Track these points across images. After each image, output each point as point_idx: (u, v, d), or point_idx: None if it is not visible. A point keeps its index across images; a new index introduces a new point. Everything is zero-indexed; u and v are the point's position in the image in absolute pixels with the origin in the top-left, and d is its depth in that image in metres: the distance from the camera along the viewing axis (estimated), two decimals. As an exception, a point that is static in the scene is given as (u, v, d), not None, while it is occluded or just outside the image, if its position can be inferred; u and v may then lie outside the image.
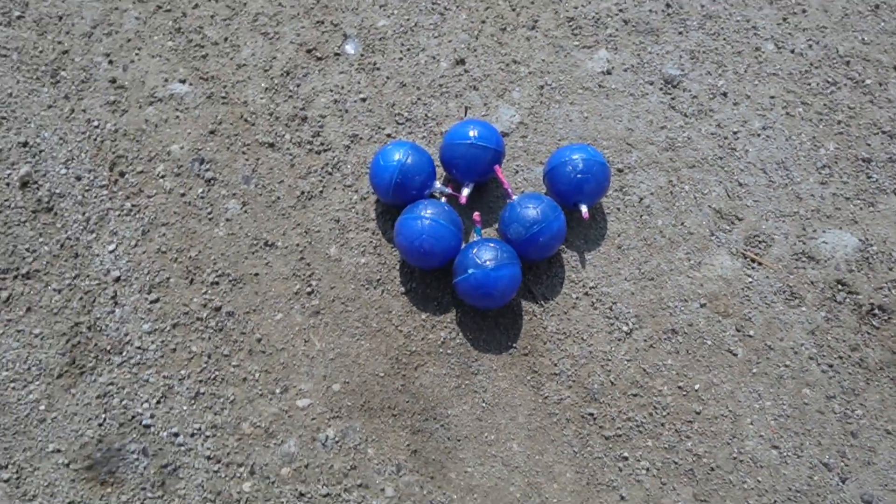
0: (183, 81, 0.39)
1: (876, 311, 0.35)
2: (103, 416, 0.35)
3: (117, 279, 0.37)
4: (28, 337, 0.36)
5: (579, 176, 0.34)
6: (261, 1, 0.40)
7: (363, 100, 0.38)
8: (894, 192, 0.36)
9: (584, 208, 0.34)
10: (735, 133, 0.38)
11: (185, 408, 0.35)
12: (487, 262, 0.32)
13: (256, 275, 0.36)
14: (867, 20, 0.40)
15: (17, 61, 0.40)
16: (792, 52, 0.39)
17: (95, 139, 0.39)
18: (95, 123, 0.39)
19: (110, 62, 0.40)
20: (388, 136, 0.38)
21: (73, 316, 0.36)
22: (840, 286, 0.35)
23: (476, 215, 0.34)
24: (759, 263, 0.36)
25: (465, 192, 0.35)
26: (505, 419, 0.34)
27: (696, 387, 0.34)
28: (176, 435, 0.34)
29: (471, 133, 0.34)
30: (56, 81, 0.40)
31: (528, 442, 0.33)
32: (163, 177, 0.38)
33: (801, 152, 0.37)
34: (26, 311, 0.37)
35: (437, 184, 0.35)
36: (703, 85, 0.38)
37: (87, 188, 0.38)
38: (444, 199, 0.36)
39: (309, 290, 0.36)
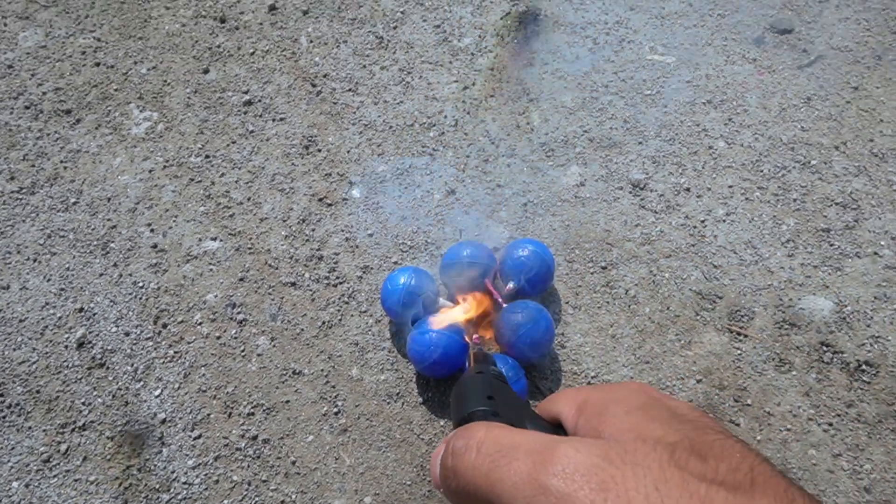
0: (214, 239, 0.57)
1: (863, 366, 0.46)
2: (154, 554, 0.46)
3: (163, 421, 0.51)
4: (85, 485, 0.49)
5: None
6: (276, 164, 0.59)
7: (370, 235, 0.55)
8: (857, 256, 0.49)
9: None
10: (702, 222, 0.52)
11: (229, 537, 0.46)
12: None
13: (287, 402, 0.50)
14: (802, 111, 0.56)
15: (73, 240, 0.59)
16: (741, 146, 0.55)
17: (141, 298, 0.55)
18: (141, 284, 0.56)
19: (152, 230, 0.58)
20: (395, 263, 0.53)
21: (124, 460, 0.50)
22: (825, 347, 0.47)
23: (475, 337, 0.47)
24: (745, 335, 0.48)
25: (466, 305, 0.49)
26: (529, 513, 0.44)
27: (709, 462, 0.44)
28: (222, 565, 0.45)
29: (464, 253, 0.49)
30: (106, 252, 0.58)
31: (555, 534, 0.43)
32: (200, 323, 0.54)
33: (765, 231, 0.51)
34: (83, 460, 0.50)
35: (441, 300, 0.49)
36: (668, 184, 0.54)
37: (134, 342, 0.54)
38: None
39: (336, 410, 0.49)
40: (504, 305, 0.50)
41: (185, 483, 0.50)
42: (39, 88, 0.68)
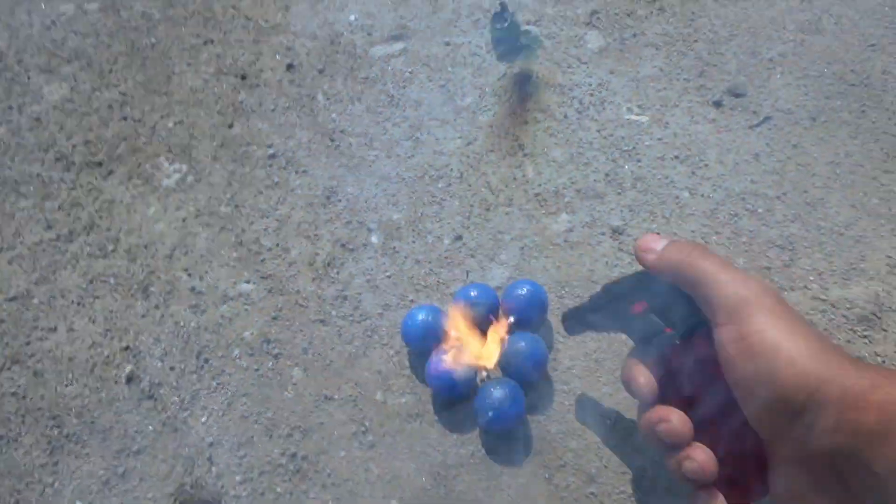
0: (248, 282, 0.72)
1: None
2: (211, 558, 0.61)
3: (211, 444, 0.65)
4: (143, 501, 0.64)
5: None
6: (301, 213, 0.74)
7: (389, 276, 0.71)
8: (791, 289, 0.67)
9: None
10: (672, 262, 0.69)
11: (277, 540, 0.61)
12: (502, 404, 0.61)
13: (321, 423, 0.65)
14: (752, 165, 0.74)
15: (114, 284, 0.73)
16: (702, 196, 0.73)
17: (183, 336, 0.70)
18: (182, 324, 0.70)
19: (189, 275, 0.73)
20: (411, 301, 0.69)
21: (178, 478, 0.64)
22: (771, 367, 0.64)
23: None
24: (707, 359, 0.65)
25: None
26: (532, 509, 0.60)
27: (678, 463, 0.61)
28: (273, 564, 0.60)
29: (472, 294, 0.65)
30: (147, 296, 0.72)
31: (554, 525, 0.59)
32: (239, 358, 0.69)
33: (723, 270, 0.69)
34: (139, 481, 0.65)
35: (453, 332, 0.66)
36: (641, 229, 0.71)
37: (179, 376, 0.68)
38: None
39: (363, 429, 0.65)
40: (506, 337, 0.66)
41: (234, 496, 0.64)
42: (69, 141, 0.83)
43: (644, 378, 0.51)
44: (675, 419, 0.48)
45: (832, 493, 0.39)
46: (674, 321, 0.51)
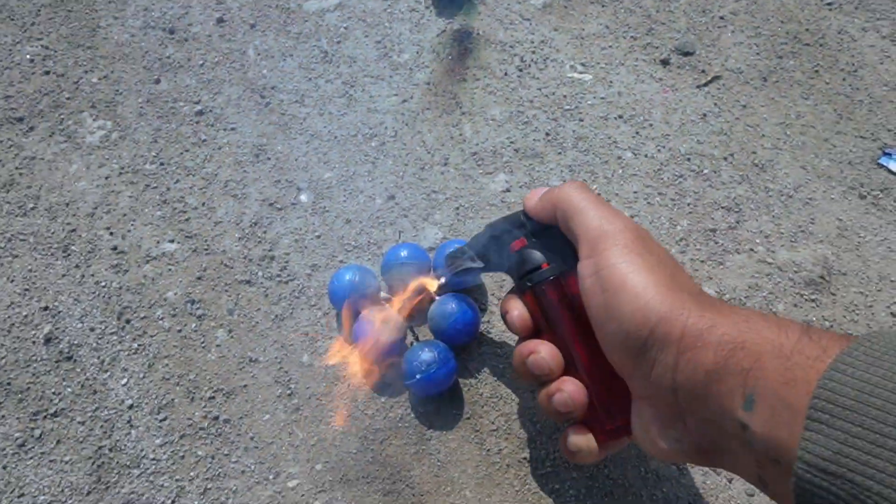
0: (172, 241, 0.74)
1: (734, 344, 0.67)
2: (128, 521, 0.64)
3: (131, 406, 0.68)
4: (60, 464, 0.66)
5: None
6: (229, 171, 0.77)
7: (318, 237, 0.73)
8: (736, 252, 0.71)
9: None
10: (610, 223, 0.73)
11: (196, 503, 0.64)
12: (430, 367, 0.64)
13: (245, 386, 0.68)
14: (699, 125, 0.77)
15: (33, 243, 0.75)
16: (646, 156, 0.76)
17: (104, 296, 0.73)
18: (103, 284, 0.73)
19: (111, 234, 0.75)
20: (341, 262, 0.72)
21: (96, 441, 0.67)
22: (705, 329, 0.68)
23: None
24: (641, 320, 0.68)
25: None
26: (457, 472, 0.63)
27: (608, 425, 0.65)
28: (191, 526, 0.63)
29: (402, 253, 0.68)
30: (67, 255, 0.75)
31: (478, 488, 0.63)
32: (162, 319, 0.71)
33: (662, 231, 0.72)
34: (56, 443, 0.67)
35: (383, 293, 0.69)
36: (581, 190, 0.74)
37: (99, 336, 0.71)
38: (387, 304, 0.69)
39: (289, 392, 0.68)
40: (437, 298, 0.69)
41: (153, 459, 0.67)
42: (-12, 96, 0.84)
43: (518, 311, 0.54)
44: (543, 351, 0.52)
45: (674, 431, 0.42)
46: (552, 258, 0.55)
